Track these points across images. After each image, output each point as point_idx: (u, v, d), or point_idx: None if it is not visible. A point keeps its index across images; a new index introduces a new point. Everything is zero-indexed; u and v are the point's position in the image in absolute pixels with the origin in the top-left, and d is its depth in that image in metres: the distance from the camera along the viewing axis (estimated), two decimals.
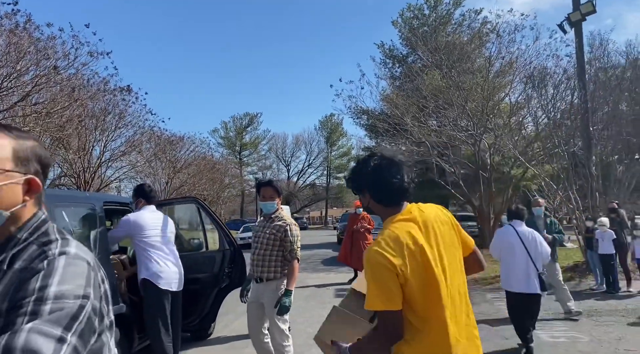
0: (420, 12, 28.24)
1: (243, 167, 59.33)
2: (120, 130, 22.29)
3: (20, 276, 0.99)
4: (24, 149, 1.12)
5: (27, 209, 1.12)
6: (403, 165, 1.92)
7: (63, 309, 0.94)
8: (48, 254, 1.03)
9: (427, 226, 1.83)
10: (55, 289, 0.96)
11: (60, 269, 1.00)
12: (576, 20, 10.99)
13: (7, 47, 12.69)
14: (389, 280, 1.68)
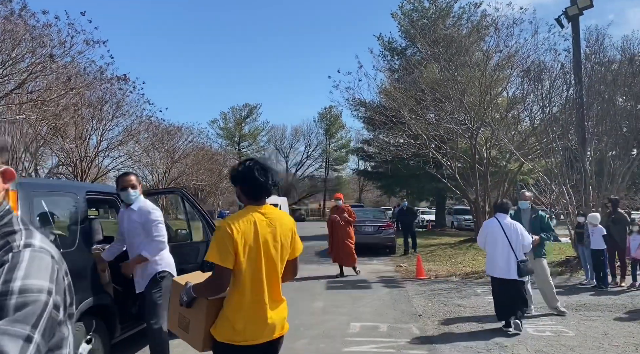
0: (420, 5, 28.06)
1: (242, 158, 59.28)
2: (117, 119, 22.25)
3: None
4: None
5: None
6: (270, 170, 2.47)
7: (28, 305, 0.93)
8: (12, 246, 1.03)
9: (273, 221, 2.47)
10: (20, 283, 0.95)
11: (25, 263, 0.99)
12: (573, 14, 10.94)
13: (2, 34, 12.60)
14: (228, 245, 2.31)
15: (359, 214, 16.49)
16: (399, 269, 11.82)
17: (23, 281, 0.96)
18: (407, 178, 27.53)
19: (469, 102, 15.90)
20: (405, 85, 19.59)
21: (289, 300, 8.05)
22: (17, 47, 12.93)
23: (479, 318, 6.65)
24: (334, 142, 61.98)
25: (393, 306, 7.51)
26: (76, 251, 3.89)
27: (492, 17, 17.03)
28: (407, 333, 5.93)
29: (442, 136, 17.00)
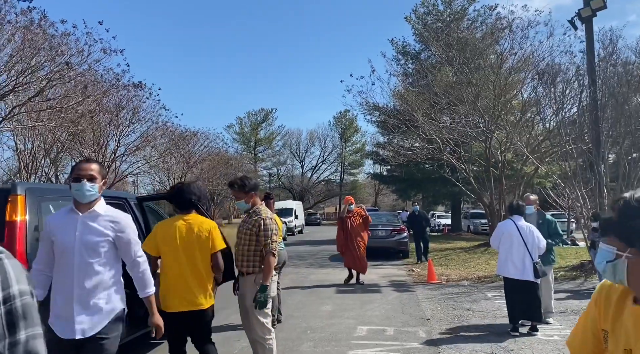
0: (434, 8, 27.97)
1: (257, 163, 59.63)
2: (134, 125, 22.62)
3: None
4: None
5: None
6: (194, 189, 3.83)
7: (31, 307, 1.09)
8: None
9: (191, 225, 3.70)
10: (16, 289, 1.08)
11: (9, 271, 1.10)
12: (587, 16, 10.81)
13: (22, 43, 12.94)
14: (154, 239, 3.69)
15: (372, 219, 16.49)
16: (411, 273, 11.77)
17: (18, 287, 1.09)
18: (422, 182, 27.38)
19: (483, 105, 15.80)
20: (419, 89, 19.55)
21: (298, 304, 8.10)
22: (36, 56, 13.27)
23: (487, 322, 6.60)
24: (349, 146, 61.98)
25: (402, 309, 7.50)
26: None
27: (507, 19, 16.94)
28: (414, 336, 5.92)
29: (456, 139, 16.91)
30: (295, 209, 33.15)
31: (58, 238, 2.78)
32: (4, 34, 12.81)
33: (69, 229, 2.78)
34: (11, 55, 12.99)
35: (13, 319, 1.07)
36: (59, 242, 2.77)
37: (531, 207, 6.69)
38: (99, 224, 2.81)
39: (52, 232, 2.81)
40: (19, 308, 1.08)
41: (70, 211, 2.84)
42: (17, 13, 13.03)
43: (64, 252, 2.77)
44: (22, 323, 1.08)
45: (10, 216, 3.54)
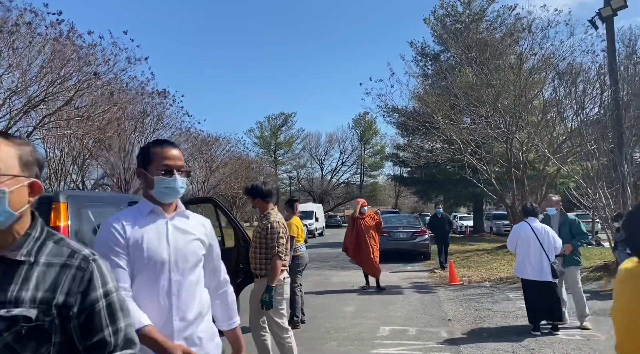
0: (453, 10, 27.93)
1: (278, 166, 60.04)
2: (158, 132, 23.17)
3: (68, 272, 1.21)
4: (26, 154, 1.23)
5: (28, 211, 1.24)
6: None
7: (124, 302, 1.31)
8: (85, 255, 1.26)
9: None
10: (111, 285, 1.28)
11: (104, 268, 1.28)
12: (607, 15, 10.75)
13: (52, 54, 13.44)
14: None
15: (392, 221, 16.54)
16: (432, 275, 11.83)
17: (113, 284, 1.29)
18: (443, 183, 27.30)
19: (504, 105, 15.75)
20: (439, 91, 19.56)
21: (320, 305, 8.26)
22: (65, 66, 13.75)
23: (509, 323, 6.67)
24: (369, 149, 61.95)
25: (423, 310, 7.60)
26: None
27: (527, 19, 16.88)
28: (436, 336, 6.04)
29: (477, 140, 16.88)
30: (315, 211, 33.35)
31: (146, 248, 1.92)
32: (34, 46, 13.34)
33: (159, 236, 1.97)
34: (42, 67, 13.51)
35: (113, 311, 1.25)
36: (149, 254, 1.92)
37: (553, 208, 6.71)
38: (192, 229, 2.07)
39: (136, 240, 1.93)
40: (116, 301, 1.27)
41: (152, 213, 2.01)
42: (47, 26, 13.56)
43: (154, 269, 1.92)
44: (120, 313, 1.27)
45: (54, 221, 3.80)
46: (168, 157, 2.01)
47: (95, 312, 1.22)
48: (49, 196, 3.92)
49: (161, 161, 2.01)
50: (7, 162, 1.18)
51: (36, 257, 1.20)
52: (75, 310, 1.19)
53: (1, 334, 1.11)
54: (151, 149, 2.04)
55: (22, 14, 12.94)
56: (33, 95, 13.71)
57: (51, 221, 3.81)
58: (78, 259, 1.23)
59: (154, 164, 2.01)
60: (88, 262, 1.24)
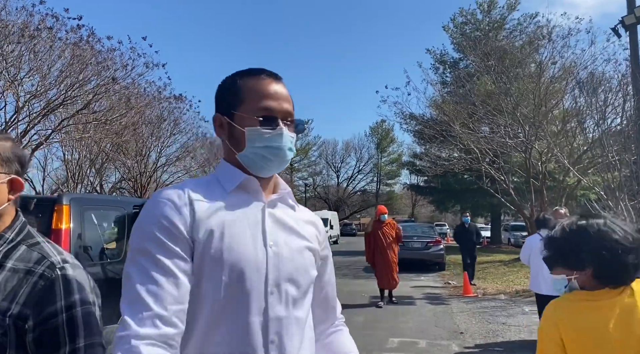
0: (473, 17, 27.70)
1: (293, 173, 60.10)
2: (175, 136, 23.38)
3: (30, 279, 1.10)
4: (5, 149, 1.16)
5: (8, 210, 1.17)
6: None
7: (89, 315, 1.14)
8: (53, 261, 1.14)
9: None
10: (77, 298, 1.13)
11: (74, 280, 1.14)
12: (630, 23, 10.49)
13: (72, 59, 13.64)
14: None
15: (407, 230, 16.32)
16: (446, 286, 11.59)
17: (79, 295, 1.14)
18: (460, 193, 26.99)
19: (523, 114, 15.48)
20: (457, 99, 19.34)
21: None
22: (84, 71, 13.95)
23: (523, 337, 6.45)
24: (386, 157, 61.62)
25: (435, 322, 7.41)
26: (123, 261, 4.19)
27: (547, 28, 16.60)
28: (446, 349, 5.85)
29: (495, 149, 16.60)
30: (330, 219, 33.22)
31: (227, 249, 1.09)
32: (55, 51, 13.55)
33: (252, 232, 1.14)
34: (61, 71, 13.72)
35: (74, 327, 1.11)
36: (232, 262, 1.09)
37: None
38: (302, 228, 1.26)
39: (210, 232, 1.09)
40: (80, 316, 1.12)
41: (239, 191, 1.19)
42: (67, 30, 13.77)
43: (238, 290, 1.08)
44: (82, 331, 1.12)
45: (56, 224, 3.76)
46: (270, 96, 1.19)
47: (52, 327, 1.08)
48: (51, 198, 3.90)
49: (259, 101, 1.18)
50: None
51: (3, 261, 1.12)
52: (30, 323, 1.07)
53: None
54: (240, 82, 1.21)
55: (44, 18, 13.17)
56: (52, 98, 13.93)
57: (53, 223, 3.77)
58: (44, 266, 1.12)
59: (246, 105, 1.18)
60: (53, 270, 1.12)
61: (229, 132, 1.21)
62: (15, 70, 12.83)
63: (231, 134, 1.21)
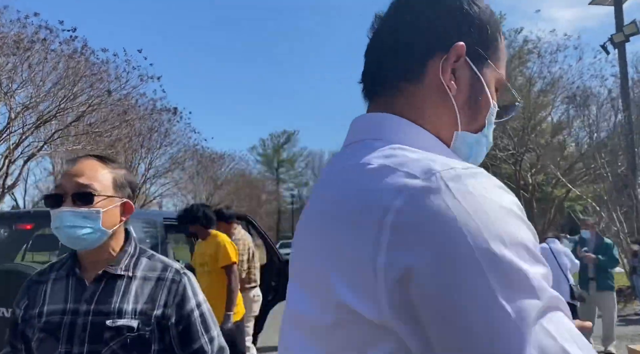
0: None
1: (280, 184, 60.10)
2: (165, 148, 23.21)
3: (163, 285, 1.31)
4: (120, 176, 1.34)
5: (120, 229, 1.36)
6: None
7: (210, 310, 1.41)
8: (175, 268, 1.36)
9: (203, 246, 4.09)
10: (201, 297, 1.38)
11: (194, 282, 1.39)
12: (619, 41, 10.90)
13: (66, 71, 13.54)
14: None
15: None
16: None
17: (202, 295, 1.40)
18: None
19: (512, 127, 15.86)
20: None
21: None
22: (78, 83, 13.83)
23: None
24: None
25: None
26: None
27: (534, 42, 17.09)
28: None
29: (484, 161, 16.89)
30: None
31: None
32: (48, 62, 13.45)
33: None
34: (55, 83, 13.60)
35: (206, 320, 1.36)
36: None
37: (587, 231, 6.64)
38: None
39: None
40: (207, 311, 1.38)
41: None
42: (60, 42, 13.68)
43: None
44: (212, 324, 1.39)
45: None
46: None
47: (192, 322, 1.33)
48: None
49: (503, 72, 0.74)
50: (103, 183, 1.28)
51: (133, 271, 1.31)
52: (173, 321, 1.29)
53: (108, 343, 1.21)
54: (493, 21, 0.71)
55: (37, 30, 13.08)
56: (45, 110, 13.79)
57: None
58: (171, 273, 1.34)
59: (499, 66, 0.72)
60: (180, 276, 1.34)
61: (468, 85, 0.69)
62: (8, 83, 12.70)
63: (469, 93, 0.69)
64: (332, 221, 0.58)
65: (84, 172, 1.27)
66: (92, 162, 1.31)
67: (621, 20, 11.11)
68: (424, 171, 0.54)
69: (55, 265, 1.37)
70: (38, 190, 30.33)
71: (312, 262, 0.60)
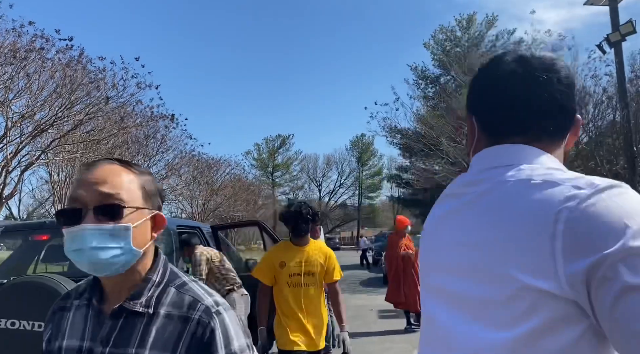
0: (452, 34, 28.50)
1: (275, 188, 60.06)
2: (161, 154, 23.16)
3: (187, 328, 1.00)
4: (148, 183, 1.07)
5: (150, 248, 1.07)
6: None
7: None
8: (207, 305, 1.03)
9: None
10: (237, 346, 1.02)
11: (230, 325, 1.03)
12: (616, 41, 11.00)
13: (63, 79, 13.50)
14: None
15: None
16: None
17: (238, 343, 1.03)
18: None
19: None
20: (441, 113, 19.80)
21: None
22: (75, 91, 13.78)
23: None
24: (367, 170, 62.23)
25: None
26: None
27: (527, 43, 17.20)
28: None
29: None
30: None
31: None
32: (45, 71, 13.40)
33: None
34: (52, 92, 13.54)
35: None
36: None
37: None
38: None
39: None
40: None
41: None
42: (57, 51, 13.63)
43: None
44: None
45: None
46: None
47: None
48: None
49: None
50: (131, 192, 1.02)
51: (156, 308, 1.02)
52: None
53: None
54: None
55: (34, 39, 13.02)
56: (42, 119, 13.73)
57: None
58: (199, 311, 1.01)
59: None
60: (210, 317, 1.01)
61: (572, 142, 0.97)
62: (4, 92, 12.64)
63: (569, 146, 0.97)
64: (507, 222, 0.76)
65: (107, 179, 1.00)
66: (114, 167, 1.04)
67: (617, 20, 11.22)
68: (587, 184, 0.73)
69: (80, 287, 1.14)
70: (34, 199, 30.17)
71: (482, 252, 0.79)
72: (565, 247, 0.69)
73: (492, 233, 0.78)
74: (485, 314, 0.77)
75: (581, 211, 0.70)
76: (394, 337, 7.43)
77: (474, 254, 0.81)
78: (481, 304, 0.78)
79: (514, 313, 0.73)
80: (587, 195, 0.71)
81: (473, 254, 0.81)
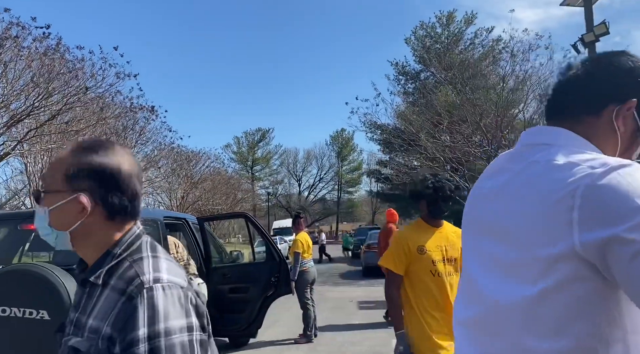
0: (432, 31, 28.80)
1: (255, 182, 59.88)
2: (140, 146, 22.89)
3: (118, 303, 0.98)
4: (74, 164, 1.05)
5: (116, 226, 1.08)
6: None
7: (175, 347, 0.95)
8: (143, 280, 0.99)
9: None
10: (162, 327, 0.95)
11: (158, 303, 0.97)
12: (590, 41, 11.33)
13: (40, 69, 13.24)
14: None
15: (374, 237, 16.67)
16: None
17: (165, 324, 0.95)
18: None
19: (486, 124, 16.27)
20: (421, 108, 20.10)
21: (325, 320, 8.27)
22: (53, 81, 13.53)
23: None
24: (346, 165, 62.50)
25: None
26: None
27: (505, 41, 17.58)
28: None
29: (459, 158, 17.34)
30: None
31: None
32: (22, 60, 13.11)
33: None
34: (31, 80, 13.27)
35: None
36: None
37: None
38: None
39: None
40: (163, 349, 0.94)
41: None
42: (34, 39, 13.34)
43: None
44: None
45: None
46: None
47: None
48: None
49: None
50: (54, 176, 1.06)
51: (106, 279, 1.03)
52: (117, 349, 0.95)
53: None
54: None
55: (9, 27, 12.73)
56: (18, 109, 13.46)
57: None
58: (133, 285, 0.98)
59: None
60: (140, 292, 0.97)
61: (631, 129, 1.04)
62: None
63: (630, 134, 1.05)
64: (535, 197, 0.92)
65: (51, 164, 1.10)
66: (64, 152, 1.09)
67: (591, 21, 11.55)
68: (601, 164, 0.87)
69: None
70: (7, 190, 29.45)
71: (513, 222, 0.96)
72: (581, 219, 0.84)
73: (521, 207, 0.95)
74: (513, 273, 0.95)
75: (595, 187, 0.84)
76: (373, 327, 7.61)
77: (508, 223, 0.98)
78: (511, 265, 0.96)
79: (535, 272, 0.90)
80: (600, 173, 0.85)
81: (507, 223, 0.98)
